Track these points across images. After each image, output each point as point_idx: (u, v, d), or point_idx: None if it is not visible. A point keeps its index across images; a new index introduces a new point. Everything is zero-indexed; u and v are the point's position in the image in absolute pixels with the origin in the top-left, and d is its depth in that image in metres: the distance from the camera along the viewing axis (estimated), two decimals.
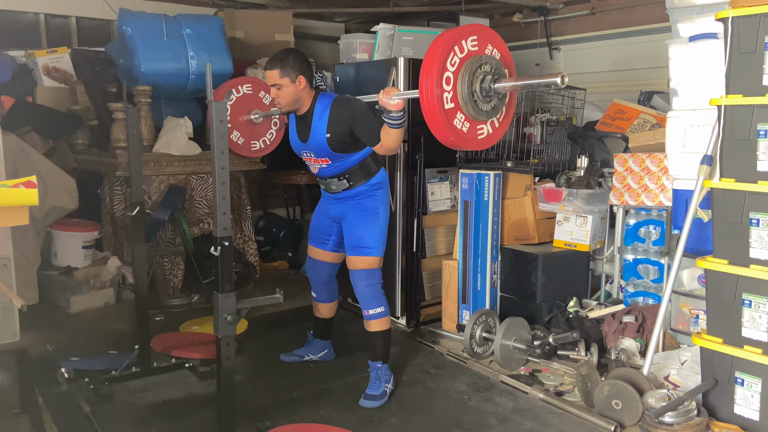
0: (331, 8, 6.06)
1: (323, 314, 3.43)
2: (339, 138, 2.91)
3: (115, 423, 2.76)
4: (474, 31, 2.31)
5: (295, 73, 2.89)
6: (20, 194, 2.22)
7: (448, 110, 2.22)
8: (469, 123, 2.30)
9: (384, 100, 2.60)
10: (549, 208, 3.87)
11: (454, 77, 2.23)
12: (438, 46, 2.22)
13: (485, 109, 2.32)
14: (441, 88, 2.19)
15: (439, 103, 2.19)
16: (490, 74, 2.30)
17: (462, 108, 2.26)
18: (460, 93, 2.24)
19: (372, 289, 3.03)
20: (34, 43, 5.11)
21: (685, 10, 3.16)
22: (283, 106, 2.97)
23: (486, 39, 2.35)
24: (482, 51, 2.32)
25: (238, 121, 3.35)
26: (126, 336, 3.73)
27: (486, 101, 2.31)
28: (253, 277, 4.83)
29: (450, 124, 2.24)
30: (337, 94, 3.01)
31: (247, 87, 3.40)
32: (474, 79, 2.26)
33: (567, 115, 4.17)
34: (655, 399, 2.62)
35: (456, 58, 2.23)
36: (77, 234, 4.42)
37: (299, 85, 2.91)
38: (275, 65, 2.89)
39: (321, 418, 2.83)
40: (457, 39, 2.24)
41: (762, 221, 2.47)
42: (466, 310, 3.75)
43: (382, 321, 3.03)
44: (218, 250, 2.19)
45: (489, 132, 2.41)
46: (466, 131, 2.31)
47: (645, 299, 3.53)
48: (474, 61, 2.26)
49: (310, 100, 2.97)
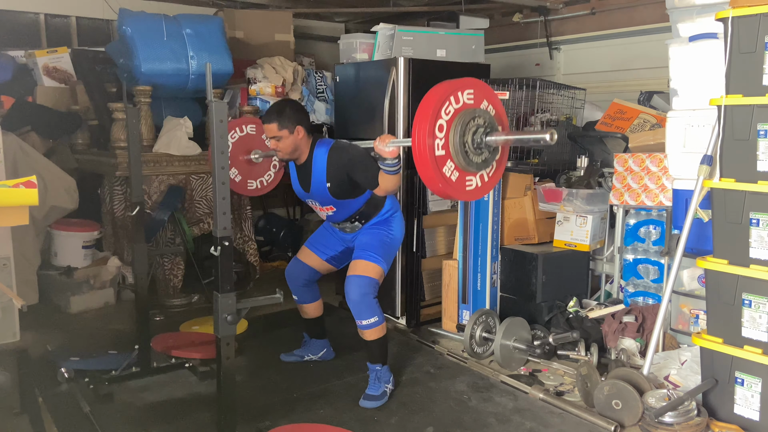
0: (331, 8, 6.06)
1: (311, 314, 3.43)
2: (339, 185, 2.97)
3: (115, 423, 2.76)
4: (471, 84, 2.35)
5: (293, 123, 2.95)
6: (20, 194, 2.22)
7: (438, 157, 2.25)
8: (459, 173, 2.33)
9: (379, 148, 2.65)
10: (549, 208, 3.87)
11: (447, 126, 2.26)
12: (435, 94, 2.25)
13: (476, 161, 2.34)
14: (433, 135, 2.22)
15: (430, 149, 2.22)
16: (482, 127, 2.32)
17: (452, 156, 2.29)
18: (451, 142, 2.27)
19: (365, 299, 2.95)
20: (34, 43, 5.11)
21: (685, 10, 3.16)
22: (283, 156, 3.03)
23: (482, 94, 2.38)
24: (477, 105, 2.36)
25: (238, 159, 3.40)
26: (126, 336, 3.73)
27: (477, 153, 2.34)
28: (253, 277, 4.83)
29: (439, 171, 2.27)
30: (334, 141, 3.04)
31: (251, 127, 3.43)
32: (467, 130, 2.29)
33: (567, 115, 4.17)
34: (655, 399, 2.62)
35: (451, 107, 2.26)
36: (77, 234, 4.42)
37: (297, 135, 2.97)
38: (273, 119, 2.94)
39: (321, 418, 2.83)
40: (454, 90, 2.28)
41: (762, 221, 2.47)
42: (466, 310, 3.75)
43: (377, 330, 2.99)
44: (218, 250, 2.19)
45: (478, 185, 2.44)
46: (455, 180, 2.33)
47: (645, 299, 3.53)
48: (468, 113, 2.29)
49: (308, 148, 3.02)
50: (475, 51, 4.20)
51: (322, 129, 5.03)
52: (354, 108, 4.25)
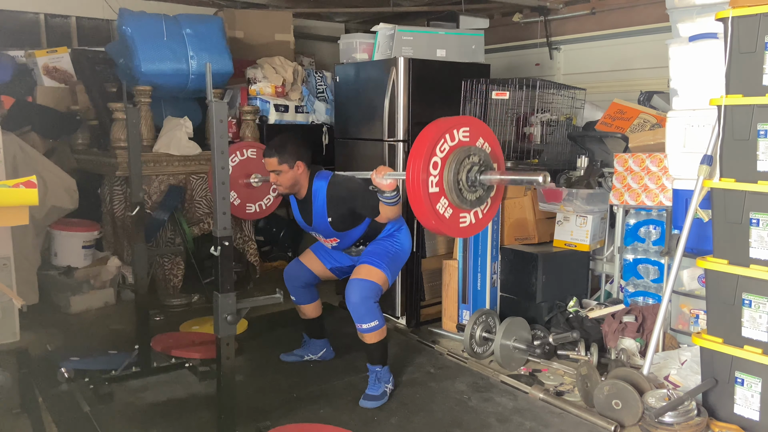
0: (331, 8, 6.06)
1: (309, 315, 3.43)
2: (341, 218, 3.01)
3: (115, 423, 2.76)
4: (467, 122, 2.36)
5: (293, 158, 2.98)
6: (20, 194, 2.22)
7: (432, 194, 2.25)
8: (452, 209, 2.34)
9: (377, 180, 2.66)
10: (549, 208, 3.87)
11: (441, 163, 2.26)
12: (430, 131, 2.26)
13: (470, 198, 2.35)
14: (428, 172, 2.23)
15: (423, 186, 2.23)
16: (477, 165, 2.33)
17: (446, 194, 2.29)
18: (445, 179, 2.28)
19: (366, 302, 2.94)
20: (34, 43, 5.12)
21: (685, 10, 3.16)
22: (282, 189, 3.05)
23: (478, 132, 2.39)
24: (473, 142, 2.36)
25: (237, 182, 3.42)
26: (126, 336, 3.73)
27: (471, 191, 2.34)
28: (253, 277, 4.83)
29: (432, 208, 2.28)
30: (332, 175, 3.05)
31: (252, 151, 3.45)
32: (461, 168, 2.30)
33: (567, 115, 4.17)
34: (655, 399, 2.62)
35: (446, 145, 2.27)
36: (77, 234, 4.42)
37: (297, 169, 3.00)
38: (273, 153, 2.97)
39: (321, 418, 2.83)
40: (450, 128, 2.28)
41: (762, 221, 2.47)
42: (466, 310, 3.75)
43: (377, 333, 2.98)
44: (218, 250, 2.19)
45: (472, 221, 2.44)
46: (449, 217, 2.34)
47: (645, 299, 3.53)
48: (463, 150, 2.30)
49: (307, 182, 3.05)
50: (475, 51, 4.20)
51: (323, 129, 5.03)
52: (354, 108, 4.25)
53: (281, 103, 4.88)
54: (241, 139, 4.63)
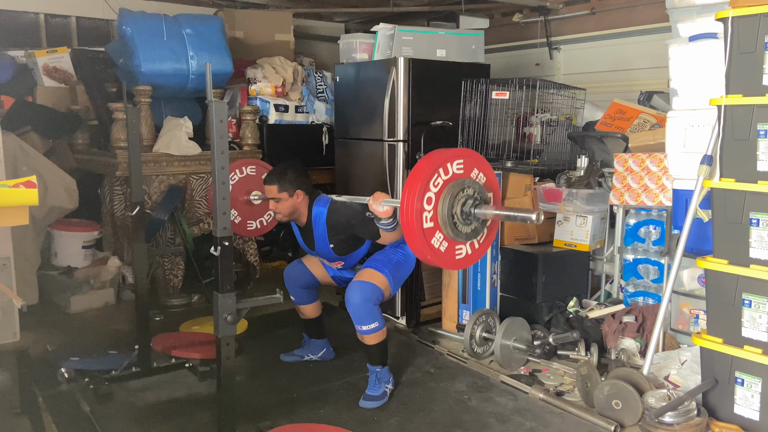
0: (331, 8, 6.06)
1: (309, 315, 3.43)
2: (343, 244, 3.05)
3: (115, 423, 2.76)
4: (461, 154, 2.35)
5: (293, 187, 3.00)
6: (20, 194, 2.22)
7: (426, 229, 2.24)
8: (448, 243, 2.33)
9: (374, 207, 2.67)
10: (549, 208, 3.87)
11: (435, 198, 2.26)
12: (423, 166, 2.25)
13: (464, 231, 2.34)
14: (421, 207, 2.22)
15: (418, 222, 2.22)
16: (471, 198, 2.32)
17: (441, 228, 2.29)
18: (440, 214, 2.27)
19: (367, 304, 2.92)
20: (34, 43, 5.12)
21: (685, 10, 3.16)
22: (281, 217, 3.07)
23: (472, 163, 2.38)
24: (467, 174, 2.35)
25: (237, 200, 3.43)
26: (126, 336, 3.73)
27: (466, 224, 2.34)
28: (253, 277, 4.82)
29: (428, 243, 2.27)
30: (330, 201, 3.04)
31: (251, 168, 3.46)
32: (455, 202, 2.29)
33: (567, 115, 4.17)
34: (655, 399, 2.62)
35: (440, 179, 2.26)
36: (77, 234, 4.42)
37: (297, 198, 3.02)
38: (274, 181, 3.00)
39: (321, 418, 2.83)
40: (443, 162, 2.28)
41: (762, 221, 2.46)
42: (466, 310, 3.75)
43: (377, 335, 2.97)
44: (218, 250, 2.19)
45: (468, 253, 2.43)
46: (444, 251, 2.33)
47: (645, 299, 3.53)
48: (457, 184, 2.29)
49: (307, 209, 3.07)
50: (475, 51, 4.20)
51: (323, 129, 5.03)
52: (354, 108, 4.25)
53: (281, 103, 4.88)
54: (241, 138, 4.63)
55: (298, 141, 4.95)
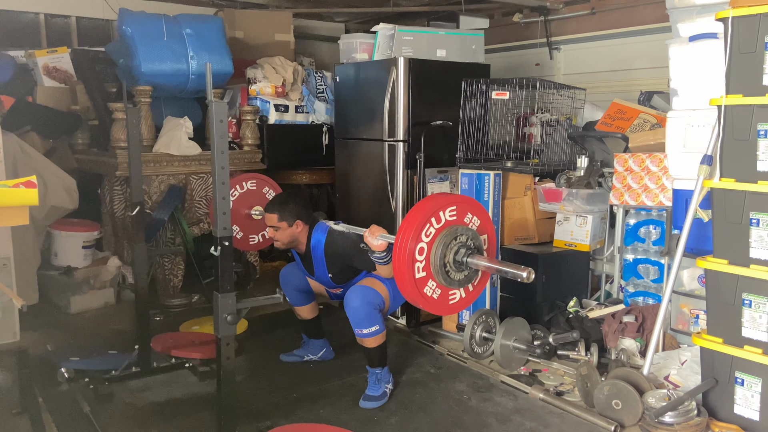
0: (331, 8, 6.06)
1: (306, 315, 3.43)
2: (341, 273, 3.09)
3: (115, 423, 2.76)
4: (453, 201, 2.33)
5: (293, 217, 3.04)
6: (20, 194, 2.22)
7: (419, 279, 2.23)
8: (441, 290, 2.32)
9: (368, 239, 2.68)
10: (549, 208, 3.86)
11: (428, 248, 2.24)
12: (415, 216, 2.23)
13: (457, 279, 2.32)
14: (413, 259, 2.20)
15: (409, 273, 2.21)
16: (464, 246, 2.30)
17: (433, 276, 2.28)
18: (432, 263, 2.25)
19: (367, 308, 2.89)
20: (34, 43, 5.12)
21: (685, 10, 3.16)
22: (279, 244, 3.11)
23: (465, 208, 2.36)
24: (460, 220, 2.33)
25: (239, 215, 3.44)
26: (126, 336, 3.73)
27: (458, 270, 2.32)
28: (253, 277, 4.83)
29: (420, 292, 2.26)
30: (327, 231, 3.04)
31: (252, 183, 3.47)
32: (447, 251, 2.27)
33: (567, 115, 4.17)
34: (655, 399, 2.62)
35: (432, 228, 2.24)
36: (77, 234, 4.42)
37: (296, 228, 3.06)
38: (275, 210, 3.04)
39: (321, 418, 2.83)
40: (435, 210, 2.26)
41: (762, 221, 2.47)
42: (466, 310, 3.75)
43: (377, 338, 2.95)
44: (218, 250, 2.19)
45: (461, 296, 2.42)
46: (437, 297, 2.32)
47: (645, 299, 3.53)
48: (450, 232, 2.27)
49: (305, 238, 3.10)
50: (475, 51, 4.20)
51: (323, 129, 5.03)
52: (354, 108, 4.25)
53: (281, 103, 4.88)
54: (241, 138, 4.63)
55: (298, 141, 4.95)
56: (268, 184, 3.65)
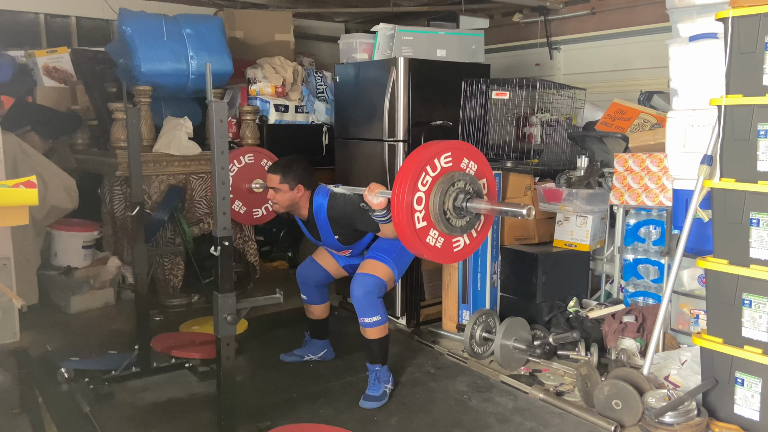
0: (331, 8, 6.06)
1: (317, 315, 3.43)
2: (347, 234, 3.06)
3: (115, 423, 2.76)
4: (448, 148, 2.30)
5: (295, 181, 3.01)
6: (20, 194, 2.22)
7: (420, 229, 2.21)
8: (444, 238, 2.30)
9: (368, 198, 2.67)
10: (549, 208, 3.87)
11: (426, 197, 2.22)
12: (409, 167, 2.21)
13: (459, 225, 2.30)
14: (412, 209, 2.18)
15: (409, 224, 2.19)
16: (463, 192, 2.28)
17: (435, 225, 2.25)
18: (432, 212, 2.23)
19: (369, 297, 2.95)
20: (34, 43, 5.12)
21: (685, 10, 3.16)
22: (278, 207, 3.08)
23: (461, 154, 2.34)
24: (457, 166, 2.30)
25: (240, 191, 3.42)
26: (126, 336, 3.73)
27: (459, 217, 2.30)
28: (253, 277, 4.82)
29: (423, 242, 2.24)
30: (329, 194, 3.04)
31: (249, 157, 3.46)
32: (446, 198, 2.25)
33: (567, 115, 4.17)
34: (655, 399, 2.62)
35: (428, 177, 2.22)
36: (77, 234, 4.41)
37: (297, 192, 3.03)
38: (278, 170, 3.02)
39: (321, 418, 2.83)
40: (430, 159, 2.23)
41: (762, 221, 2.47)
42: (466, 310, 3.75)
43: (379, 329, 2.99)
44: (218, 250, 2.19)
45: (466, 243, 2.40)
46: (441, 246, 2.30)
47: (645, 299, 3.53)
48: (446, 179, 2.25)
49: (307, 204, 3.08)
50: (475, 51, 4.20)
51: (323, 129, 5.03)
52: (354, 108, 4.25)
53: (281, 103, 4.88)
54: (241, 139, 4.63)
55: (298, 141, 4.94)
56: (265, 156, 3.63)
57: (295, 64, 5.08)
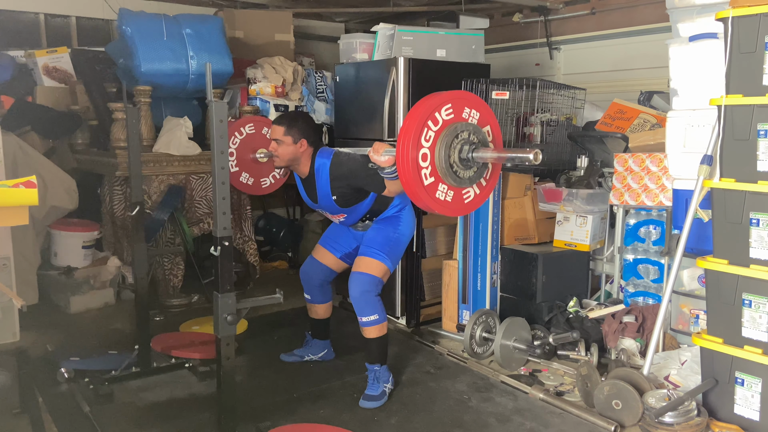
0: (331, 8, 6.06)
1: (320, 315, 3.43)
2: (345, 196, 3.01)
3: (115, 423, 2.76)
4: (447, 99, 2.26)
5: (299, 135, 2.98)
6: (20, 194, 2.22)
7: (428, 186, 2.19)
8: (453, 191, 2.28)
9: (374, 158, 2.64)
10: (549, 208, 3.87)
11: (430, 152, 2.19)
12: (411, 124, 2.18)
13: (467, 176, 2.27)
14: (417, 166, 2.15)
15: (417, 181, 2.17)
16: (467, 143, 2.25)
17: (442, 179, 2.23)
18: (438, 166, 2.20)
19: (366, 296, 2.97)
20: (34, 43, 5.11)
21: (685, 10, 3.16)
22: (278, 161, 3.05)
23: (461, 104, 2.29)
24: (458, 116, 2.26)
25: (245, 162, 3.40)
26: (126, 336, 3.73)
27: (466, 168, 2.27)
28: (253, 277, 4.83)
29: (432, 198, 2.22)
30: (333, 153, 3.03)
31: (250, 127, 3.43)
32: (451, 151, 2.22)
33: (567, 115, 4.17)
34: (655, 399, 2.62)
35: (431, 132, 2.19)
36: (77, 234, 4.42)
37: (300, 147, 3.00)
38: (283, 122, 3.00)
39: (321, 418, 2.83)
40: (430, 113, 2.19)
41: (762, 221, 2.47)
42: (466, 310, 3.75)
43: (377, 328, 3.00)
44: (218, 250, 2.19)
45: (476, 193, 2.37)
46: (451, 200, 2.28)
47: (645, 299, 3.53)
48: (449, 132, 2.22)
49: (309, 161, 3.05)
50: (475, 51, 4.20)
51: (322, 128, 5.03)
52: (354, 108, 4.25)
53: (281, 103, 4.88)
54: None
55: None
56: (265, 125, 3.56)
57: (295, 64, 5.08)
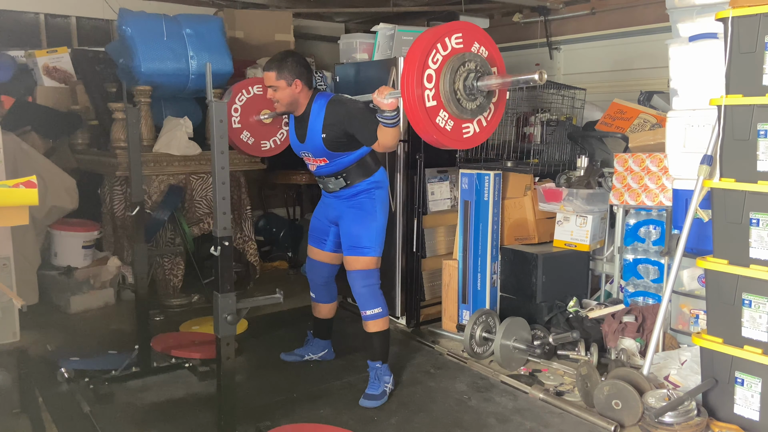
0: (331, 8, 6.06)
1: (324, 315, 3.43)
2: (335, 138, 2.93)
3: (115, 423, 2.76)
4: (459, 28, 2.28)
5: (292, 76, 2.93)
6: (20, 194, 2.22)
7: (429, 108, 2.19)
8: (454, 121, 2.27)
9: (377, 99, 2.62)
10: (549, 208, 3.87)
11: (436, 75, 2.19)
12: (419, 43, 2.19)
13: (469, 108, 2.28)
14: (422, 86, 2.16)
15: (419, 101, 2.17)
16: (473, 72, 2.25)
17: (445, 106, 2.23)
18: (442, 91, 2.20)
19: (369, 289, 3.03)
20: (34, 43, 5.11)
21: (685, 10, 3.16)
22: (280, 108, 3.02)
23: (472, 37, 2.30)
24: (467, 48, 2.28)
25: (248, 121, 3.40)
26: (126, 336, 3.73)
27: (470, 99, 2.27)
28: (253, 277, 4.83)
29: (432, 122, 2.21)
30: (335, 94, 3.03)
31: (257, 88, 3.43)
32: (457, 77, 2.22)
33: (567, 115, 4.17)
34: (655, 399, 2.62)
35: (439, 55, 2.19)
36: (77, 234, 4.41)
37: (295, 88, 2.95)
38: (272, 67, 2.94)
39: (321, 418, 2.83)
40: (440, 36, 2.21)
41: (762, 221, 2.47)
42: (466, 310, 3.75)
43: (380, 321, 3.03)
44: (218, 250, 2.19)
45: (476, 130, 2.37)
46: (450, 129, 2.27)
47: (645, 299, 3.53)
48: (457, 58, 2.22)
49: (306, 102, 3.01)
50: None
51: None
52: None
53: None
54: None
55: None
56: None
57: None
